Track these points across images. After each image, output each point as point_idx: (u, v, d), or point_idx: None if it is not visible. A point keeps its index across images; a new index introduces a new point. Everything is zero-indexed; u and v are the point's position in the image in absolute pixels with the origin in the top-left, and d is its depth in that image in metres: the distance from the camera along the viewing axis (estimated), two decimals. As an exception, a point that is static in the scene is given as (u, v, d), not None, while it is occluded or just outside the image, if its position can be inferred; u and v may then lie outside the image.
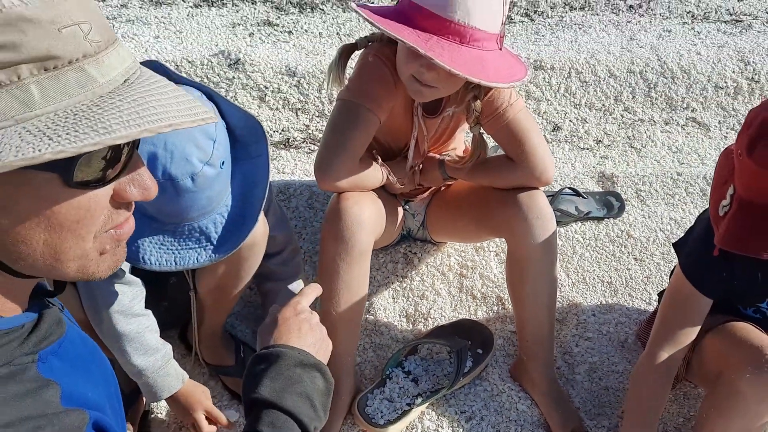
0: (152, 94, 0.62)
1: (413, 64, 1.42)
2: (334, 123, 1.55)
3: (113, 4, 2.91)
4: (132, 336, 1.44)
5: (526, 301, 1.68)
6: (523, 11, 3.12)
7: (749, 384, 1.39)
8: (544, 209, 1.60)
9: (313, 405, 0.91)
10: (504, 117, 1.58)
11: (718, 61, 2.67)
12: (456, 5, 1.33)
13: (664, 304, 1.59)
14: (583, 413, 1.74)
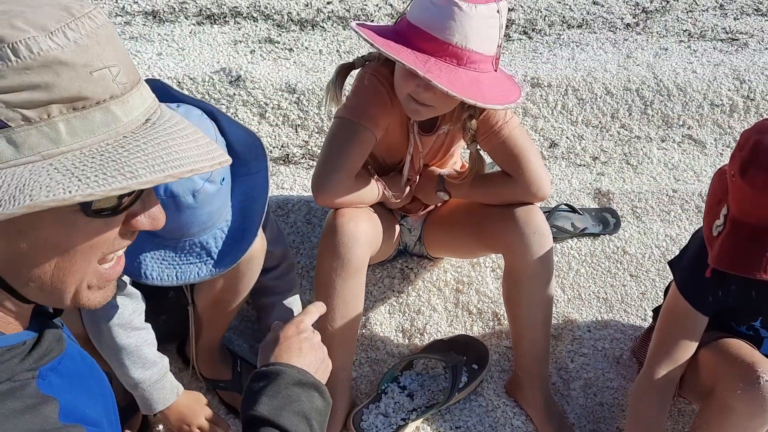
0: (173, 138, 0.66)
1: (410, 84, 1.45)
2: (331, 140, 1.58)
3: (117, 21, 2.95)
4: (131, 349, 1.46)
5: (523, 316, 1.70)
6: (522, 29, 3.15)
7: (741, 400, 1.40)
8: (542, 225, 1.62)
9: (310, 424, 0.93)
10: (500, 134, 1.61)
11: (713, 79, 2.70)
12: (454, 29, 1.36)
13: (661, 322, 1.60)
14: (578, 429, 1.74)
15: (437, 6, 1.38)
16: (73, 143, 0.60)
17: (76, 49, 0.59)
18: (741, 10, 3.37)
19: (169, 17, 3.01)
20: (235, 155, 1.34)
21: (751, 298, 1.50)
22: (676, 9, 3.35)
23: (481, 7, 1.38)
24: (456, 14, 1.36)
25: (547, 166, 2.50)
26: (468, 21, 1.37)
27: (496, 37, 1.43)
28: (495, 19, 1.41)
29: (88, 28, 0.60)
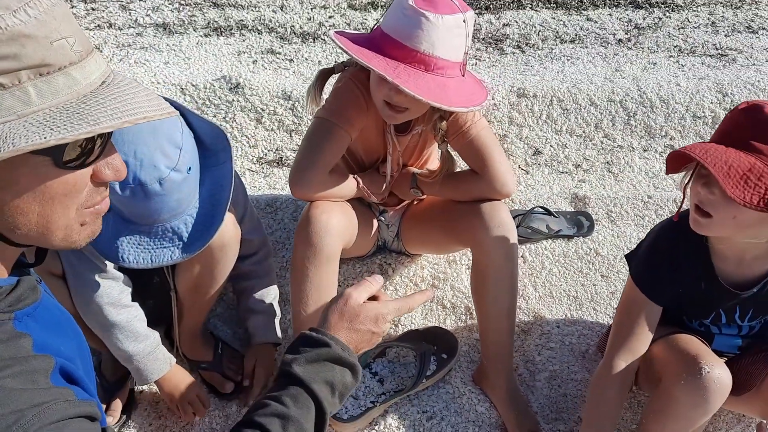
0: (128, 94, 0.78)
1: (384, 90, 1.57)
2: (308, 138, 1.71)
3: (129, 33, 3.13)
4: (123, 324, 1.59)
5: (488, 306, 1.79)
6: (516, 44, 3.27)
7: (684, 390, 1.47)
8: (506, 220, 1.72)
9: (334, 392, 1.01)
10: (468, 134, 1.72)
11: (696, 92, 2.78)
12: (422, 37, 1.49)
13: (618, 313, 1.69)
14: (541, 417, 1.83)
15: (407, 16, 1.50)
16: (42, 104, 0.72)
17: (37, 24, 0.71)
18: (733, 27, 3.45)
19: (178, 29, 3.18)
20: (204, 147, 1.47)
21: (701, 290, 1.58)
22: (669, 26, 3.44)
23: (448, 17, 1.50)
24: (423, 24, 1.48)
25: (530, 172, 2.60)
26: (435, 30, 1.49)
27: (462, 45, 1.55)
28: (461, 29, 1.53)
29: (45, 6, 0.72)
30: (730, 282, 1.55)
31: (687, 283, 1.57)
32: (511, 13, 3.50)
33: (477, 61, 3.12)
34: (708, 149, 1.35)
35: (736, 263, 1.54)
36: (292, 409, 0.96)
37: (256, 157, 2.55)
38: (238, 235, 1.64)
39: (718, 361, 1.49)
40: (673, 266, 1.57)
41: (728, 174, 1.31)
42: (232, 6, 3.39)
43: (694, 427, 1.52)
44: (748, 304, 1.59)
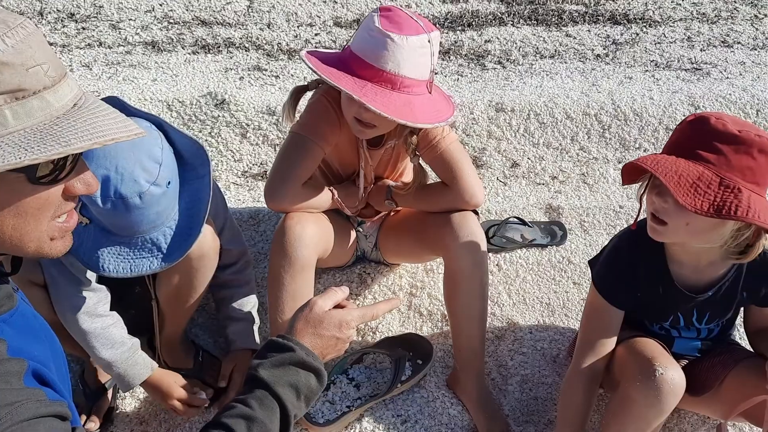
0: (98, 116, 0.85)
1: (353, 107, 1.65)
2: (283, 152, 1.78)
3: (119, 51, 3.21)
4: (98, 333, 1.64)
5: (459, 313, 1.86)
6: (497, 59, 3.36)
7: (639, 391, 1.54)
8: (475, 229, 1.79)
9: (298, 395, 1.07)
10: (438, 147, 1.80)
11: (669, 105, 2.87)
12: (387, 57, 1.56)
13: (583, 318, 1.76)
14: (512, 420, 1.88)
15: (374, 38, 1.58)
16: (17, 125, 0.79)
17: (14, 53, 0.79)
18: (708, 42, 3.55)
19: (167, 47, 3.26)
20: (184, 161, 1.54)
21: (659, 294, 1.65)
22: (646, 41, 3.53)
23: (412, 38, 1.57)
24: (389, 45, 1.56)
25: (507, 184, 2.68)
26: (399, 51, 1.56)
27: (428, 64, 1.62)
28: (426, 48, 1.60)
29: (22, 35, 0.80)
30: (686, 286, 1.62)
31: (645, 287, 1.64)
32: (493, 29, 3.59)
33: (459, 77, 3.20)
34: (659, 160, 1.43)
35: (692, 268, 1.61)
36: (257, 411, 1.01)
37: (241, 171, 2.62)
38: (217, 245, 1.70)
39: (673, 363, 1.55)
40: (632, 272, 1.64)
41: (679, 183, 1.38)
42: (220, 24, 3.48)
43: (650, 427, 1.58)
44: (705, 308, 1.65)
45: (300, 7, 3.59)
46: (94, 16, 3.47)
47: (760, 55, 3.43)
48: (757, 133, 1.38)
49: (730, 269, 1.61)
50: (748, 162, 1.38)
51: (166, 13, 3.51)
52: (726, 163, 1.38)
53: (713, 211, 1.36)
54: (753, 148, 1.37)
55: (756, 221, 1.35)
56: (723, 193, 1.37)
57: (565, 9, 3.77)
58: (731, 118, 1.42)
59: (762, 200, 1.39)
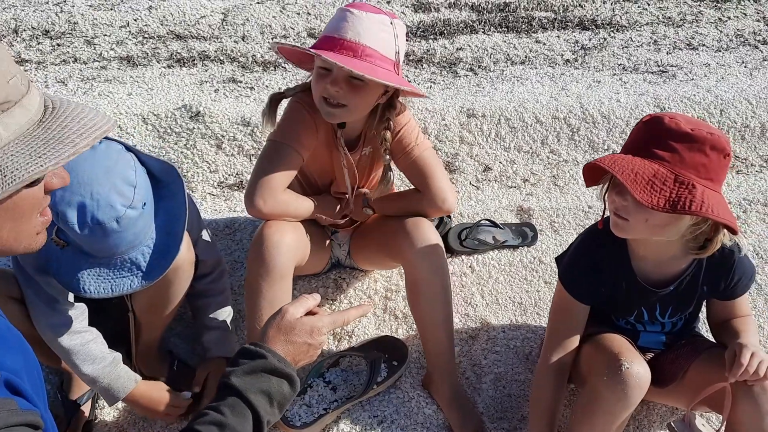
0: (78, 113, 0.91)
1: (320, 85, 1.68)
2: (261, 159, 1.81)
3: (94, 66, 3.23)
4: (77, 349, 1.66)
5: (424, 319, 1.90)
6: (469, 66, 3.42)
7: (606, 386, 1.58)
8: (429, 235, 1.84)
9: (271, 402, 1.09)
10: (412, 154, 1.85)
11: (636, 107, 2.94)
12: (347, 28, 1.63)
13: (550, 313, 1.81)
14: (486, 417, 1.93)
15: (336, 17, 1.67)
16: (9, 136, 0.84)
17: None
18: (674, 45, 3.64)
19: (142, 61, 3.29)
20: (156, 180, 1.57)
21: (622, 289, 1.70)
22: (613, 45, 3.62)
23: (372, 14, 1.65)
24: (348, 17, 1.64)
25: (480, 188, 2.73)
26: (359, 22, 1.63)
27: (391, 42, 1.67)
28: (387, 26, 1.67)
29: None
30: (648, 281, 1.68)
31: (609, 283, 1.70)
32: (465, 37, 3.65)
33: (432, 84, 3.26)
34: (616, 160, 1.48)
35: (654, 263, 1.66)
36: (230, 417, 1.04)
37: (217, 182, 2.65)
38: (192, 257, 1.73)
39: (638, 357, 1.60)
40: (595, 268, 1.69)
41: (635, 181, 1.43)
42: (194, 38, 3.51)
43: (618, 420, 1.63)
44: (667, 302, 1.71)
45: (274, 20, 3.63)
46: (69, 33, 3.49)
47: (724, 57, 3.52)
48: (709, 131, 1.44)
49: (690, 264, 1.66)
50: (701, 159, 1.43)
51: (141, 28, 3.54)
52: (680, 161, 1.43)
53: (669, 206, 1.42)
54: (705, 146, 1.43)
55: (710, 215, 1.41)
56: (678, 189, 1.42)
57: (534, 16, 3.85)
58: (684, 118, 1.48)
59: (716, 195, 1.45)
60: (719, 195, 1.47)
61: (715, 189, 1.46)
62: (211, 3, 3.75)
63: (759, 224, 2.53)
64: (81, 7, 3.64)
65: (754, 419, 1.53)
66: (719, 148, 1.44)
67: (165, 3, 3.71)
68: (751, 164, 2.90)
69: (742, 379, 1.49)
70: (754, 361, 1.47)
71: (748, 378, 1.49)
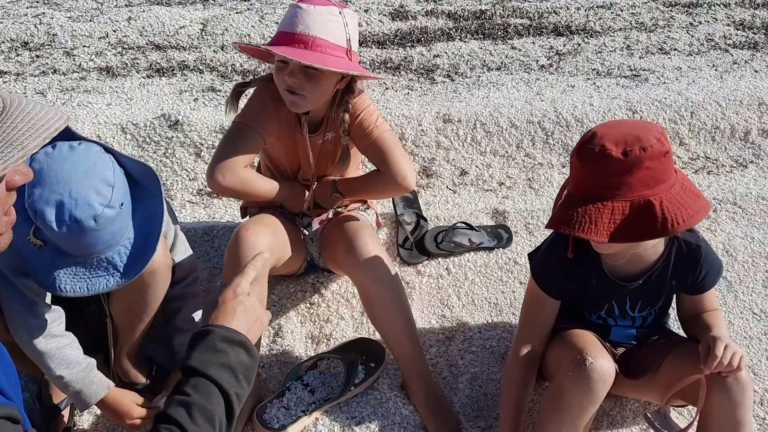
0: (30, 112, 0.91)
1: (281, 76, 1.78)
2: (224, 138, 1.91)
3: (73, 77, 3.25)
4: (52, 353, 1.67)
5: (383, 326, 1.93)
6: (445, 73, 3.47)
7: (571, 381, 1.62)
8: (366, 249, 1.87)
9: (236, 375, 1.08)
10: (372, 135, 1.91)
11: (608, 110, 3.00)
12: (297, 22, 1.74)
13: (522, 307, 1.86)
14: (463, 416, 1.95)
15: (288, 13, 1.78)
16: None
17: None
18: (646, 49, 3.71)
19: (121, 72, 3.31)
20: (135, 182, 1.59)
21: (592, 285, 1.75)
22: (587, 50, 3.68)
23: (320, 6, 1.76)
24: (298, 12, 1.75)
25: (457, 192, 2.77)
26: (308, 15, 1.74)
27: (341, 31, 1.77)
28: (336, 16, 1.76)
29: None
30: (617, 276, 1.72)
31: (579, 278, 1.74)
32: (442, 44, 3.71)
33: (409, 91, 3.30)
34: (572, 220, 1.47)
35: (623, 259, 1.71)
36: (194, 395, 1.05)
37: (196, 190, 2.67)
38: (169, 262, 1.76)
39: (603, 352, 1.64)
40: (566, 264, 1.73)
41: (598, 231, 1.45)
42: (174, 48, 3.54)
43: (585, 414, 1.66)
44: (637, 296, 1.75)
45: (253, 29, 3.67)
46: (48, 44, 3.51)
47: (695, 60, 3.60)
48: (641, 145, 1.44)
49: (658, 259, 1.71)
50: (644, 174, 1.45)
51: (120, 38, 3.57)
52: (628, 187, 1.45)
53: (636, 239, 1.49)
54: (643, 163, 1.44)
55: (677, 230, 1.44)
56: (640, 213, 1.45)
57: (510, 23, 3.91)
58: (614, 136, 1.47)
59: (675, 197, 1.47)
60: (676, 187, 1.49)
61: (671, 185, 1.49)
62: (191, 13, 3.79)
63: (729, 223, 2.58)
64: (60, 19, 3.66)
65: (727, 409, 1.57)
66: (656, 156, 1.45)
67: (144, 14, 3.74)
68: (721, 165, 2.97)
69: (717, 371, 1.53)
70: (728, 352, 1.51)
71: (723, 369, 1.53)
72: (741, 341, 2.16)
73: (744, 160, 2.98)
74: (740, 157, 2.99)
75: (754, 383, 2.03)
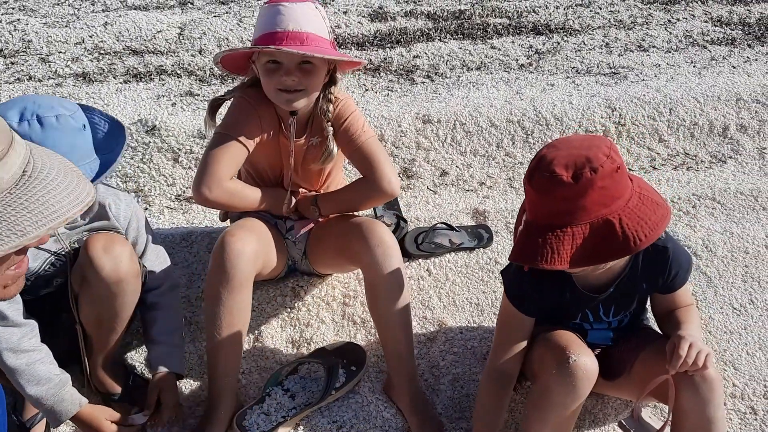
0: (49, 192, 0.86)
1: (275, 78, 1.78)
2: (207, 150, 1.88)
3: (49, 84, 3.21)
4: (21, 369, 1.64)
5: (383, 321, 1.91)
6: (425, 74, 3.46)
7: (555, 380, 1.61)
8: (384, 237, 1.86)
9: None
10: (358, 141, 1.92)
11: (587, 108, 3.00)
12: (286, 20, 1.74)
13: (497, 322, 1.84)
14: (445, 418, 1.94)
15: (268, 13, 1.78)
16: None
17: None
18: (625, 47, 3.72)
19: (98, 78, 3.28)
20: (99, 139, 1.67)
21: (566, 299, 1.74)
22: (567, 49, 3.69)
23: (299, 3, 1.77)
24: (282, 10, 1.76)
25: (437, 192, 2.76)
26: (293, 11, 1.75)
27: (322, 24, 1.80)
28: (316, 11, 1.80)
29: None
30: (588, 288, 1.72)
31: (551, 295, 1.72)
32: (421, 45, 3.70)
33: (389, 92, 3.30)
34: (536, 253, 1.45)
35: (592, 271, 1.68)
36: None
37: (174, 195, 2.65)
38: (136, 269, 1.73)
39: (585, 350, 1.64)
40: (538, 282, 1.70)
41: (562, 260, 1.44)
42: (151, 53, 3.51)
43: (569, 411, 1.65)
44: (609, 303, 1.75)
45: (231, 33, 3.65)
46: (23, 51, 3.47)
47: (673, 57, 3.62)
48: (591, 166, 1.41)
49: (626, 265, 1.70)
50: (598, 195, 1.43)
51: (97, 44, 3.53)
52: (583, 210, 1.44)
53: (601, 261, 1.47)
54: (595, 184, 1.42)
55: (641, 247, 1.42)
56: (600, 233, 1.43)
57: (489, 22, 3.92)
58: (563, 159, 1.44)
59: (634, 211, 1.45)
60: (634, 199, 1.47)
61: (628, 198, 1.47)
62: (168, 17, 3.76)
63: (708, 218, 2.59)
64: (35, 25, 3.62)
65: (697, 407, 1.57)
66: (608, 174, 1.43)
67: (121, 19, 3.71)
68: (700, 161, 2.98)
69: (683, 370, 1.53)
70: (693, 351, 1.51)
71: (688, 368, 1.52)
72: (721, 336, 2.17)
73: (723, 156, 3.00)
74: (719, 153, 3.01)
75: (735, 377, 2.04)
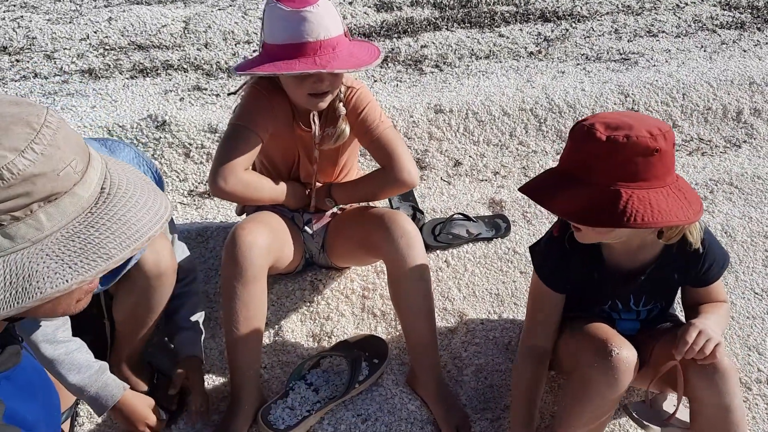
0: (129, 210, 0.84)
1: (306, 85, 1.75)
2: (222, 142, 1.86)
3: (55, 81, 3.18)
4: (61, 359, 1.63)
5: (406, 312, 1.90)
6: (434, 63, 3.43)
7: (597, 372, 1.59)
8: (407, 228, 1.84)
9: None
10: (376, 131, 1.90)
11: (600, 95, 2.98)
12: (317, 26, 1.68)
13: (528, 301, 1.83)
14: (470, 409, 1.93)
15: (290, 18, 1.68)
16: (52, 227, 0.78)
17: (44, 160, 0.76)
18: (635, 33, 3.69)
19: (104, 73, 3.25)
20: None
21: (594, 279, 1.72)
22: (575, 36, 3.66)
23: (317, 6, 1.69)
24: (308, 17, 1.68)
25: (451, 183, 2.74)
26: (320, 17, 1.69)
27: (339, 17, 1.77)
28: (330, 6, 1.74)
29: (49, 138, 0.77)
30: (620, 269, 1.69)
31: (581, 272, 1.71)
32: (429, 35, 3.67)
33: (398, 83, 3.27)
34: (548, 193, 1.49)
35: (624, 252, 1.67)
36: None
37: (187, 190, 2.63)
38: (175, 264, 1.72)
39: (625, 342, 1.62)
40: (567, 258, 1.70)
41: (549, 204, 1.46)
42: (156, 47, 3.48)
43: (608, 403, 1.64)
44: (640, 291, 1.73)
45: (236, 26, 3.61)
46: (28, 48, 3.43)
47: (683, 42, 3.59)
48: (627, 133, 1.40)
49: (660, 253, 1.68)
50: (622, 164, 1.41)
51: (102, 40, 3.50)
52: (602, 173, 1.42)
53: (589, 224, 1.46)
54: (623, 152, 1.40)
55: (633, 227, 1.40)
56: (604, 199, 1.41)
57: (496, 10, 3.88)
58: (612, 121, 1.45)
59: (649, 197, 1.42)
60: (656, 192, 1.44)
61: (652, 187, 1.44)
62: (172, 12, 3.72)
63: (726, 203, 2.57)
64: (39, 22, 3.59)
65: (712, 397, 1.55)
66: (641, 150, 1.41)
67: (125, 14, 3.67)
68: (715, 145, 2.96)
69: (689, 357, 1.51)
70: (701, 339, 1.48)
71: (696, 357, 1.50)
72: (744, 321, 2.15)
73: (737, 140, 2.97)
74: (733, 137, 2.99)
75: (759, 363, 2.02)
